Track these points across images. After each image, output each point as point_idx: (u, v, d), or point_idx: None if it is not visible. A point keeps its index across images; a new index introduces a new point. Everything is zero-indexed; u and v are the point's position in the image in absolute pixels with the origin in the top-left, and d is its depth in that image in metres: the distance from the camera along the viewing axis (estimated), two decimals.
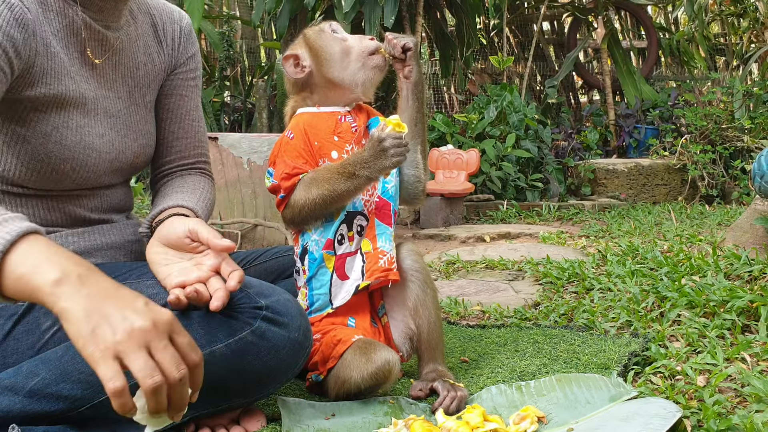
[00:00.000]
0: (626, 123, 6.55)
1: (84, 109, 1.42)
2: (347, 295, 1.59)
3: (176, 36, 1.65)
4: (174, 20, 1.65)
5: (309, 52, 1.67)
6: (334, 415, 1.43)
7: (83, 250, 1.46)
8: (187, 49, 1.67)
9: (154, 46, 1.60)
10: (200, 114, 1.71)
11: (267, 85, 6.58)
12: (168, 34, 1.63)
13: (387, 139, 1.52)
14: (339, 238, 1.61)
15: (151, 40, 1.60)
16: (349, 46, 1.65)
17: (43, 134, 1.36)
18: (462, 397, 1.48)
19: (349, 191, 1.55)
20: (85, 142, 1.41)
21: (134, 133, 1.54)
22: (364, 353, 1.46)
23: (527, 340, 1.92)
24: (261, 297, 1.32)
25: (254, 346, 1.30)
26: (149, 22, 1.60)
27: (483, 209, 5.12)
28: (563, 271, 2.74)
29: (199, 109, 1.71)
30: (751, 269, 2.33)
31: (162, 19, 1.63)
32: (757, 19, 6.72)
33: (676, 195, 5.65)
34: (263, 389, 1.37)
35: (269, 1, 5.54)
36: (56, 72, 1.37)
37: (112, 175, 1.51)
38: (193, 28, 1.73)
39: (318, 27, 1.69)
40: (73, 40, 1.41)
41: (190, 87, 1.68)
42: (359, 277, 1.60)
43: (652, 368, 1.63)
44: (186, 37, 1.67)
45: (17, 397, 1.24)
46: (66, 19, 1.40)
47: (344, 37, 1.67)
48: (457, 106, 7.59)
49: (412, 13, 5.71)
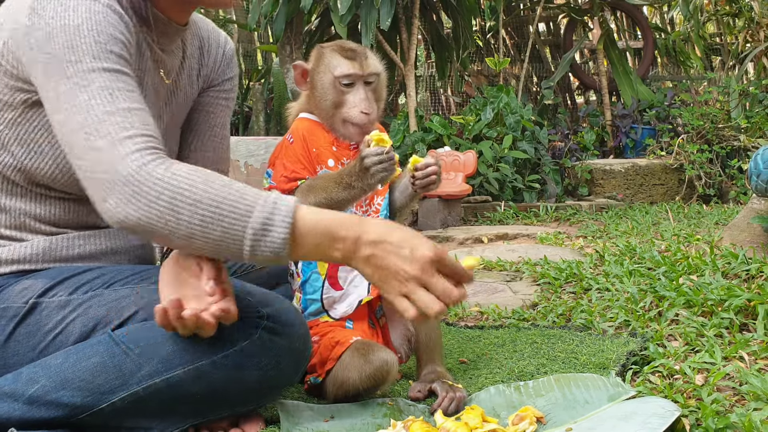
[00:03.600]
0: (623, 123, 6.56)
1: None
2: (350, 309, 1.61)
3: (218, 59, 1.66)
4: (219, 44, 1.67)
5: (312, 75, 1.66)
6: (333, 417, 1.43)
7: (89, 254, 1.45)
8: (225, 73, 1.68)
9: (196, 69, 1.61)
10: (226, 134, 1.69)
11: (264, 88, 6.58)
12: (211, 56, 1.65)
13: (368, 156, 1.52)
14: None
15: (195, 63, 1.61)
16: (343, 101, 1.63)
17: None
18: (461, 398, 1.49)
19: (346, 200, 1.57)
20: None
21: (168, 153, 1.54)
22: (363, 354, 1.46)
23: (525, 341, 1.92)
24: (262, 306, 1.31)
25: (255, 355, 1.30)
26: (197, 45, 1.62)
27: (480, 210, 5.12)
28: (561, 272, 2.75)
29: (226, 128, 1.69)
30: (749, 268, 2.34)
31: (209, 43, 1.64)
32: (752, 19, 6.73)
33: (674, 195, 5.65)
34: (263, 398, 1.38)
35: (265, 4, 5.54)
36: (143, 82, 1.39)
37: None
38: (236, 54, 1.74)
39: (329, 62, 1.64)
40: (140, 60, 1.42)
41: (219, 105, 1.68)
42: (364, 293, 1.61)
43: (651, 367, 1.63)
44: (227, 61, 1.68)
45: (17, 403, 1.24)
46: (134, 37, 1.38)
47: (344, 90, 1.62)
48: (454, 107, 7.60)
49: (409, 15, 5.72)
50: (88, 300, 1.35)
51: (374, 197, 1.69)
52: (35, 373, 1.27)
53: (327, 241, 1.16)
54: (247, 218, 1.13)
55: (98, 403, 1.25)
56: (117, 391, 1.25)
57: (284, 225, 1.14)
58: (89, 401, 1.24)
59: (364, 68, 1.62)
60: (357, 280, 1.63)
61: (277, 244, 1.14)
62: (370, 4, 5.14)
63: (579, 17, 7.40)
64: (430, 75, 7.76)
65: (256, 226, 1.13)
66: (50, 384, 1.25)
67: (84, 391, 1.24)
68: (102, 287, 1.37)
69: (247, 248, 1.14)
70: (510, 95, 5.67)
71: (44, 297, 1.34)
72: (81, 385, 1.25)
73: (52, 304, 1.34)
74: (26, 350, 1.33)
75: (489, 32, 7.94)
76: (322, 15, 6.26)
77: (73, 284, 1.36)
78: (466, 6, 6.03)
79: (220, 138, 1.67)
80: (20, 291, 1.34)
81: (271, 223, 1.13)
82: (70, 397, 1.24)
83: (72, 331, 1.33)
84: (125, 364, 1.26)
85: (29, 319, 1.33)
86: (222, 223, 1.13)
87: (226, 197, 1.14)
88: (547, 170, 5.57)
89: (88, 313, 1.34)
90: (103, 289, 1.37)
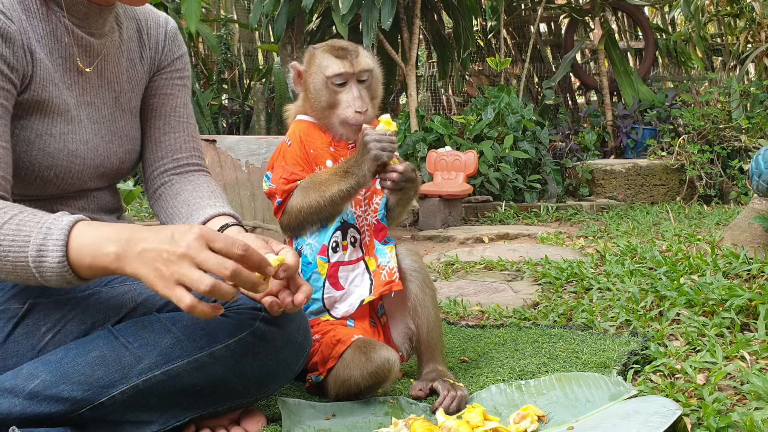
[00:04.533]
0: (624, 123, 6.56)
1: (68, 116, 1.40)
2: (351, 309, 1.62)
3: (160, 39, 1.63)
4: (159, 24, 1.64)
5: (305, 77, 1.66)
6: (335, 415, 1.43)
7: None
8: (172, 51, 1.65)
9: (137, 51, 1.58)
10: (189, 112, 1.67)
11: (264, 87, 6.58)
12: (152, 38, 1.61)
13: (369, 134, 1.54)
14: (333, 244, 1.62)
15: (135, 45, 1.58)
16: (337, 101, 1.61)
17: (26, 142, 1.35)
18: (462, 396, 1.49)
19: (343, 194, 1.57)
20: (68, 149, 1.40)
21: (119, 139, 1.52)
22: (364, 352, 1.46)
23: (526, 340, 1.92)
24: None
25: (254, 347, 1.31)
26: (135, 27, 1.59)
27: (481, 210, 5.12)
28: (562, 271, 2.75)
29: (188, 107, 1.68)
30: (750, 268, 2.34)
31: (147, 24, 1.61)
32: (753, 20, 6.73)
33: (674, 195, 5.65)
34: (263, 390, 1.37)
35: (267, 3, 5.54)
36: (41, 79, 1.35)
37: (98, 179, 1.50)
38: (183, 31, 1.72)
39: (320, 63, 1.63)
40: (57, 47, 1.39)
41: (176, 86, 1.65)
42: (366, 293, 1.61)
43: (652, 367, 1.63)
44: (171, 39, 1.65)
45: (17, 399, 1.24)
46: (50, 25, 1.38)
47: (337, 90, 1.61)
48: (455, 107, 7.60)
49: (410, 15, 5.72)
50: (86, 299, 1.35)
51: (373, 196, 1.69)
52: (35, 368, 1.26)
53: (102, 243, 1.15)
54: (26, 248, 1.15)
55: (98, 396, 1.25)
56: (117, 384, 1.25)
57: (56, 248, 1.14)
58: (89, 395, 1.24)
59: (355, 66, 1.61)
60: (357, 280, 1.63)
61: (55, 267, 1.15)
62: (372, 3, 5.14)
63: (580, 17, 7.40)
64: (431, 75, 7.77)
65: (33, 254, 1.15)
66: (50, 379, 1.25)
67: (84, 385, 1.24)
68: (99, 285, 1.37)
69: (38, 275, 1.16)
70: (511, 95, 5.67)
71: (41, 297, 1.34)
72: (81, 379, 1.25)
73: (49, 304, 1.34)
74: (25, 350, 1.32)
75: (490, 32, 7.94)
76: (324, 14, 6.26)
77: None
78: (467, 6, 6.03)
79: (186, 117, 1.65)
80: (17, 292, 1.34)
81: (45, 247, 1.15)
82: (70, 391, 1.24)
83: (70, 329, 1.33)
84: (125, 357, 1.26)
85: (27, 320, 1.33)
86: (8, 257, 1.16)
87: (7, 233, 1.16)
88: (548, 170, 5.57)
89: (86, 312, 1.34)
90: (101, 287, 1.37)
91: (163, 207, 1.59)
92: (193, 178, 1.62)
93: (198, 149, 1.67)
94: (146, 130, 1.62)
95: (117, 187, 1.64)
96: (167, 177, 1.61)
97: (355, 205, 1.66)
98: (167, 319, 1.30)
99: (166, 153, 1.61)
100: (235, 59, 7.63)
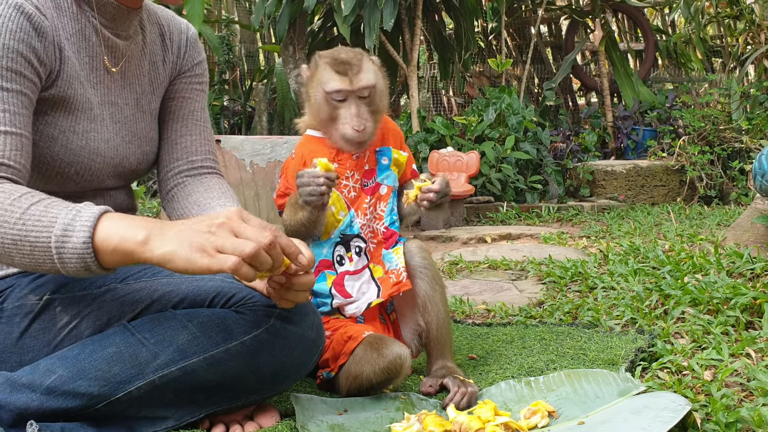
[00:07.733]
0: (624, 125, 6.58)
1: (91, 114, 1.43)
2: (358, 311, 1.63)
3: (182, 45, 1.67)
4: (181, 30, 1.68)
5: (308, 87, 1.65)
6: (347, 411, 1.45)
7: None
8: (192, 57, 1.69)
9: (160, 55, 1.62)
10: (206, 117, 1.72)
11: (266, 88, 6.59)
12: (174, 42, 1.66)
13: (299, 177, 1.52)
14: (338, 258, 1.64)
15: (158, 49, 1.62)
16: (337, 115, 1.60)
17: (49, 138, 1.38)
18: (472, 392, 1.50)
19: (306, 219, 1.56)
20: (90, 147, 1.43)
21: (139, 140, 1.55)
22: (375, 348, 1.48)
23: (534, 338, 1.94)
24: None
25: (269, 343, 1.32)
26: (158, 32, 1.63)
27: (483, 211, 5.14)
28: (566, 271, 2.76)
29: (205, 112, 1.72)
30: (753, 267, 2.35)
31: (170, 29, 1.66)
32: (753, 21, 6.76)
33: (675, 196, 5.67)
34: (278, 386, 1.39)
35: (269, 4, 5.56)
36: (67, 76, 1.38)
37: (115, 179, 1.53)
38: (198, 39, 1.75)
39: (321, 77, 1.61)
40: (85, 46, 1.43)
41: (195, 90, 1.69)
42: (374, 296, 1.63)
43: (659, 364, 1.65)
44: (192, 45, 1.69)
45: (35, 394, 1.25)
46: (79, 24, 1.41)
47: (337, 105, 1.59)
48: (456, 108, 7.62)
49: (411, 16, 5.74)
50: (102, 295, 1.36)
51: (377, 203, 1.69)
52: (52, 364, 1.28)
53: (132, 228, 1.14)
54: (51, 227, 1.16)
55: (115, 392, 1.26)
56: (133, 380, 1.27)
57: (84, 229, 1.14)
58: (106, 391, 1.26)
59: (354, 83, 1.57)
60: (364, 287, 1.64)
61: (78, 248, 1.14)
62: (374, 4, 5.15)
63: (580, 19, 7.42)
64: (432, 76, 7.78)
65: (59, 233, 1.15)
66: (67, 374, 1.26)
67: (101, 381, 1.26)
68: (115, 281, 1.39)
69: (57, 257, 1.15)
70: (512, 96, 5.69)
71: (58, 293, 1.35)
72: (98, 374, 1.26)
73: (66, 300, 1.35)
74: (41, 345, 1.34)
75: (491, 33, 7.96)
76: (326, 15, 6.28)
77: (87, 280, 1.37)
78: (468, 7, 6.05)
79: (202, 121, 1.69)
80: (34, 288, 1.36)
81: (72, 227, 1.15)
82: (87, 386, 1.26)
83: (87, 325, 1.34)
84: (141, 354, 1.28)
85: (44, 315, 1.34)
86: (28, 237, 1.16)
87: (33, 213, 1.17)
88: (549, 171, 5.59)
89: (102, 308, 1.35)
90: (117, 283, 1.39)
91: (175, 208, 1.61)
92: (206, 180, 1.64)
93: (212, 152, 1.71)
94: (163, 132, 1.65)
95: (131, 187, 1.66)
96: (181, 178, 1.64)
97: (360, 214, 1.66)
98: (183, 315, 1.32)
99: (181, 155, 1.65)
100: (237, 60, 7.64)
